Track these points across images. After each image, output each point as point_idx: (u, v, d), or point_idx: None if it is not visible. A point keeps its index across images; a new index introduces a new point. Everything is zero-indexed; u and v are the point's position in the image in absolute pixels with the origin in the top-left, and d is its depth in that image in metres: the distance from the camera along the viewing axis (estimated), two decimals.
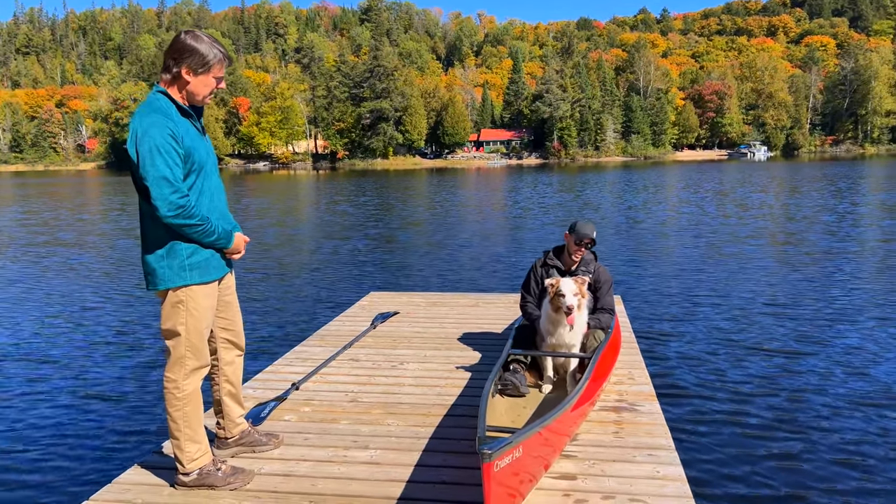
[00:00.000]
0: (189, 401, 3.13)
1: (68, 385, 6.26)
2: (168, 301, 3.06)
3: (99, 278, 11.92)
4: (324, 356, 5.24)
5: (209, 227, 3.01)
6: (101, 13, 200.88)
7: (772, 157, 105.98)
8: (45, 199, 36.63)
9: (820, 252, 12.96)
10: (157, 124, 2.87)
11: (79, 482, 4.34)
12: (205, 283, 3.09)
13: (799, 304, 8.74)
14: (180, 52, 2.97)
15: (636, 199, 27.80)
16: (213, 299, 3.18)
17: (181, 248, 3.00)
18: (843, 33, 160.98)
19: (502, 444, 2.57)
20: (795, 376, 6.03)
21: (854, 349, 6.74)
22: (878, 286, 9.73)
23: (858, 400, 5.44)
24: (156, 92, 3.02)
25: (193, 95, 3.05)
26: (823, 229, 16.32)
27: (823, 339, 7.12)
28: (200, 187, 3.06)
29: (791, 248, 13.70)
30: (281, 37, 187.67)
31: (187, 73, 2.98)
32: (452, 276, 11.46)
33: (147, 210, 2.98)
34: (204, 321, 3.13)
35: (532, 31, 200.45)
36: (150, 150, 2.84)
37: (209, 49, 3.00)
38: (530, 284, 4.91)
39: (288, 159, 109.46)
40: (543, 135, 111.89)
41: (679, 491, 3.11)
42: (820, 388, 5.74)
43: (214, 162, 3.23)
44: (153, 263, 3.02)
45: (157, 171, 2.84)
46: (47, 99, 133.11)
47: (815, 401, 5.45)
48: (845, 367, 6.23)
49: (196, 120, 3.13)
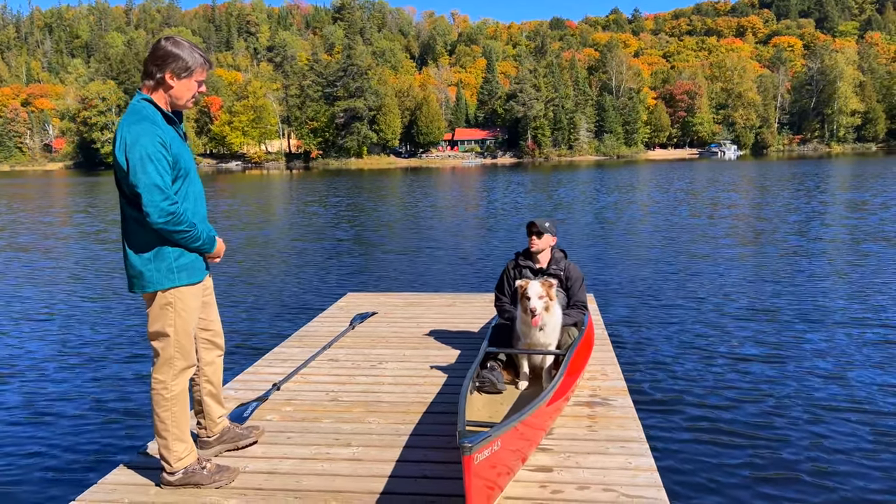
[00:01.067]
0: (177, 401, 3.19)
1: (49, 389, 6.24)
2: (156, 303, 3.11)
3: (70, 282, 11.80)
4: (303, 357, 5.31)
5: (196, 232, 3.09)
6: (68, 10, 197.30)
7: (741, 155, 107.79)
8: (19, 201, 35.90)
9: (790, 250, 13.26)
10: (146, 132, 2.93)
11: (65, 483, 4.37)
12: (192, 284, 3.17)
13: (767, 302, 8.99)
14: (163, 58, 3.04)
15: (609, 199, 28.18)
16: (199, 300, 3.25)
17: (168, 252, 3.07)
18: (810, 34, 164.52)
19: (481, 438, 2.68)
20: (763, 372, 6.24)
21: (823, 348, 6.92)
22: (846, 285, 10.03)
23: (824, 395, 5.64)
24: (140, 99, 3.07)
25: (177, 100, 3.13)
26: (792, 228, 16.69)
27: (792, 337, 7.33)
28: (186, 192, 3.13)
29: (761, 247, 14.01)
30: (253, 35, 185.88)
31: (171, 78, 3.05)
32: (429, 277, 11.56)
33: (132, 214, 3.04)
34: (191, 322, 3.20)
35: (505, 30, 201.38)
36: (142, 157, 2.90)
37: (190, 54, 3.08)
38: (504, 286, 5.05)
39: (261, 159, 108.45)
40: (517, 134, 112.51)
41: (650, 480, 3.26)
42: (787, 382, 5.94)
43: (195, 168, 3.31)
44: (140, 266, 3.07)
45: (149, 179, 2.90)
46: (12, 98, 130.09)
47: (783, 393, 5.67)
48: (812, 363, 6.43)
49: (178, 127, 3.20)
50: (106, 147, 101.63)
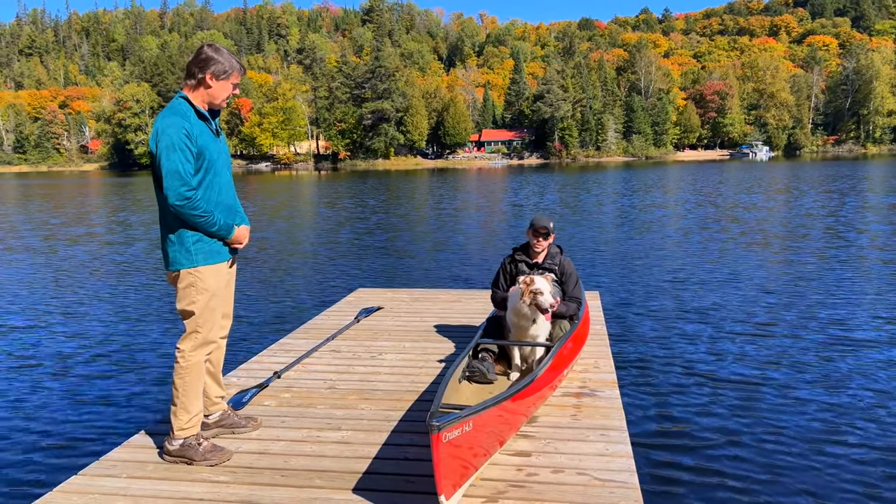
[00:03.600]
0: (190, 371, 3.47)
1: (66, 367, 6.58)
2: (182, 282, 3.46)
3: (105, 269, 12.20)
4: (307, 348, 5.49)
5: (211, 219, 3.41)
6: (104, 14, 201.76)
7: (773, 156, 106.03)
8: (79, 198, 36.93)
9: (818, 258, 12.41)
10: (174, 125, 3.30)
11: (72, 458, 4.63)
12: (210, 265, 3.47)
13: (781, 315, 8.42)
14: (205, 61, 3.43)
15: (633, 200, 28.02)
16: (220, 280, 3.55)
17: (188, 235, 3.42)
18: (846, 33, 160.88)
19: (451, 418, 2.82)
20: (765, 381, 6.05)
21: (834, 363, 6.49)
22: (875, 292, 9.65)
23: (823, 406, 5.48)
24: (178, 97, 3.46)
25: (214, 99, 3.50)
26: (824, 234, 15.60)
27: (800, 348, 7.07)
28: (209, 183, 3.45)
29: (788, 254, 13.22)
30: (283, 37, 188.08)
31: (211, 79, 3.43)
32: (441, 273, 11.71)
33: (163, 200, 3.38)
34: (214, 300, 3.51)
35: (534, 31, 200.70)
36: (168, 146, 3.28)
37: (228, 59, 3.48)
38: (500, 280, 5.16)
39: (290, 160, 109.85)
40: (545, 135, 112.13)
41: (624, 466, 3.36)
42: (787, 391, 5.80)
43: (227, 161, 3.64)
44: (167, 247, 3.47)
45: (171, 165, 3.27)
46: (50, 100, 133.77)
47: (775, 401, 5.62)
48: (818, 380, 6.02)
49: (211, 123, 3.53)
50: (140, 148, 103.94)
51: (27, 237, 18.82)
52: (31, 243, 17.29)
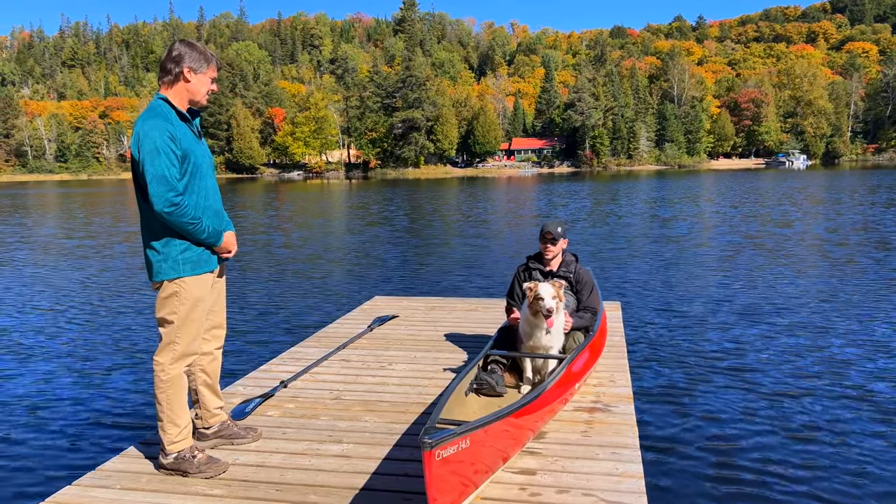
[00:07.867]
0: (172, 384, 3.34)
1: (63, 374, 6.63)
2: (163, 292, 3.31)
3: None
4: (316, 356, 5.40)
5: (200, 225, 3.25)
6: (144, 27, 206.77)
7: (811, 165, 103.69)
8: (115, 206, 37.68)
9: (862, 277, 11.52)
10: (157, 127, 3.14)
11: (67, 468, 4.59)
12: (196, 276, 3.33)
13: (821, 342, 7.67)
14: (180, 55, 3.29)
15: (664, 210, 27.55)
16: (204, 291, 3.40)
17: (175, 244, 3.26)
18: (886, 39, 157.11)
19: (445, 435, 2.68)
20: (783, 401, 5.67)
21: (858, 383, 6.09)
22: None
23: (844, 427, 5.13)
24: (157, 99, 3.31)
25: (194, 95, 3.36)
26: (869, 251, 14.36)
27: (826, 370, 6.56)
28: (194, 187, 3.30)
29: (829, 271, 12.30)
30: (316, 48, 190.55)
31: (189, 73, 3.30)
32: (460, 281, 11.55)
33: (146, 208, 3.24)
34: (196, 311, 3.36)
35: (565, 39, 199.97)
36: (151, 150, 3.11)
37: (202, 52, 3.35)
38: (514, 290, 5.02)
39: (321, 168, 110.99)
40: (575, 143, 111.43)
41: (633, 487, 3.18)
42: (824, 427, 5.17)
43: (210, 164, 3.48)
44: (151, 257, 3.30)
45: (156, 170, 3.11)
46: (91, 110, 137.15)
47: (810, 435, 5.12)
48: (862, 416, 5.37)
49: (192, 124, 3.39)
50: None
51: (51, 244, 19.18)
52: (56, 249, 17.62)
